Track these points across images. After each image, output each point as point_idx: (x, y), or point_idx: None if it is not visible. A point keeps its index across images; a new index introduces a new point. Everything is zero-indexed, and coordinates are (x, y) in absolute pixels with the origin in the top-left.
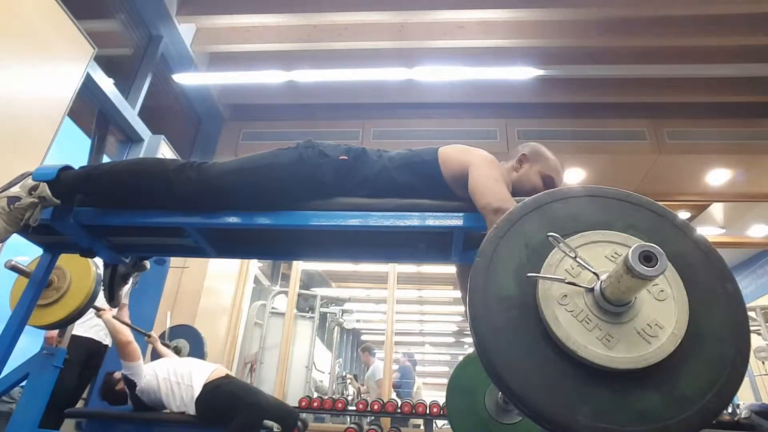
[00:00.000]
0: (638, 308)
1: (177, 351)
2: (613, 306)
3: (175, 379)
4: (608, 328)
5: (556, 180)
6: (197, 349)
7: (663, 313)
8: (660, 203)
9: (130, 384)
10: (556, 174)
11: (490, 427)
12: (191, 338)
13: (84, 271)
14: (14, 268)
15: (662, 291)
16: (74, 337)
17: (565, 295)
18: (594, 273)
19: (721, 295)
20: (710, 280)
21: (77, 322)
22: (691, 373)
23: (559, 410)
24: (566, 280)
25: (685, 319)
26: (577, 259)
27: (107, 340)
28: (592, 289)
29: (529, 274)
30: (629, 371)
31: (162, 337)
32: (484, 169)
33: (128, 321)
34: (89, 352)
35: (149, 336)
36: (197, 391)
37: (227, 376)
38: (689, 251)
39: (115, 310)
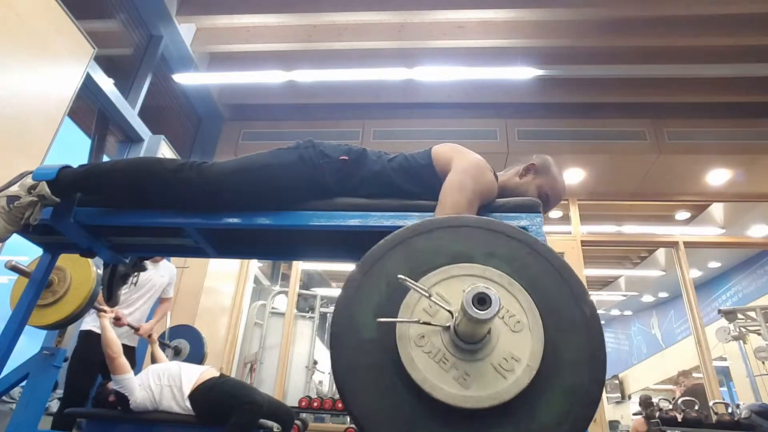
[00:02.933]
0: (494, 343)
1: (177, 351)
2: (467, 344)
3: (166, 382)
4: (465, 366)
5: (552, 200)
6: (197, 350)
7: (519, 346)
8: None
9: (121, 398)
10: (554, 196)
11: None
12: (191, 338)
13: (84, 272)
14: (14, 269)
15: (518, 322)
16: (93, 336)
17: (422, 336)
18: (449, 311)
19: (577, 320)
20: (567, 305)
21: (94, 318)
22: (547, 404)
23: None
24: (420, 321)
25: (540, 349)
26: (432, 299)
27: (133, 342)
28: (448, 328)
29: (380, 320)
30: (485, 409)
31: (162, 337)
32: (458, 175)
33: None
34: None
35: (149, 336)
36: (187, 391)
37: (222, 376)
38: (547, 275)
39: (112, 314)
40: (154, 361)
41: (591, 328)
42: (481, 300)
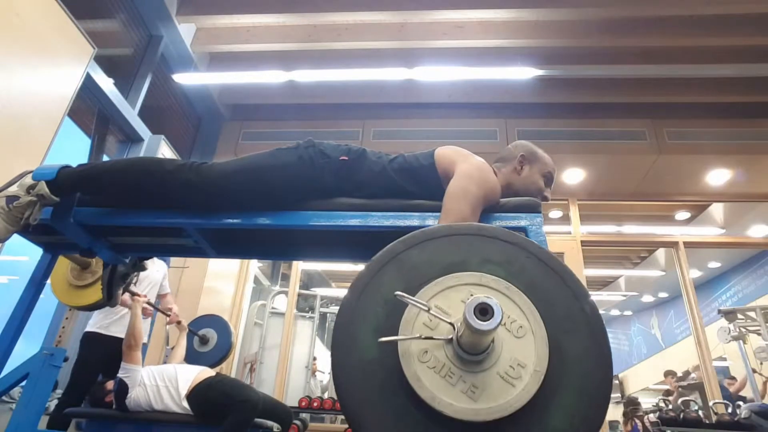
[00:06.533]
0: (499, 351)
1: (204, 341)
2: (471, 355)
3: (162, 383)
4: (471, 378)
5: (554, 175)
6: (224, 339)
7: (523, 351)
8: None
9: (122, 389)
10: (553, 170)
11: None
12: (218, 328)
13: None
14: None
15: (521, 327)
16: (94, 336)
17: (426, 351)
18: (450, 324)
19: (579, 319)
20: (567, 305)
21: (99, 320)
22: (558, 408)
23: None
24: (422, 336)
25: (546, 352)
26: (431, 312)
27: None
28: (450, 340)
29: (381, 339)
30: (497, 422)
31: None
32: (462, 181)
33: (172, 308)
34: (113, 352)
35: (178, 323)
36: (184, 392)
37: (218, 374)
38: (544, 276)
39: (146, 298)
40: (173, 350)
41: (594, 326)
42: (483, 310)
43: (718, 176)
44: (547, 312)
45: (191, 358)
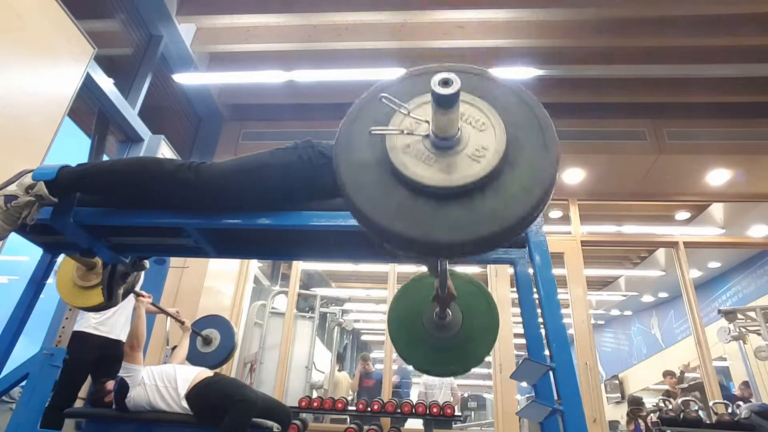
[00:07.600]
0: (466, 140)
1: (207, 341)
2: (444, 141)
3: (162, 383)
4: (446, 160)
5: None
6: (227, 339)
7: (486, 140)
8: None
9: (123, 388)
10: None
11: (429, 342)
12: (221, 328)
13: None
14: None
15: (483, 123)
16: (83, 335)
17: (408, 145)
18: (426, 121)
19: (532, 119)
20: (523, 111)
21: (87, 319)
22: (516, 176)
23: (422, 232)
24: (404, 131)
25: (504, 140)
26: (411, 114)
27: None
28: (428, 135)
29: (372, 129)
30: (468, 186)
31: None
32: None
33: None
34: (103, 352)
35: (183, 323)
36: (183, 392)
37: (216, 374)
38: (506, 95)
39: (149, 298)
40: (174, 350)
41: (544, 126)
42: (445, 81)
43: (718, 176)
44: (507, 116)
45: (194, 358)
